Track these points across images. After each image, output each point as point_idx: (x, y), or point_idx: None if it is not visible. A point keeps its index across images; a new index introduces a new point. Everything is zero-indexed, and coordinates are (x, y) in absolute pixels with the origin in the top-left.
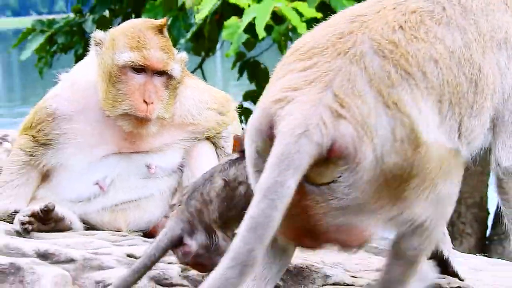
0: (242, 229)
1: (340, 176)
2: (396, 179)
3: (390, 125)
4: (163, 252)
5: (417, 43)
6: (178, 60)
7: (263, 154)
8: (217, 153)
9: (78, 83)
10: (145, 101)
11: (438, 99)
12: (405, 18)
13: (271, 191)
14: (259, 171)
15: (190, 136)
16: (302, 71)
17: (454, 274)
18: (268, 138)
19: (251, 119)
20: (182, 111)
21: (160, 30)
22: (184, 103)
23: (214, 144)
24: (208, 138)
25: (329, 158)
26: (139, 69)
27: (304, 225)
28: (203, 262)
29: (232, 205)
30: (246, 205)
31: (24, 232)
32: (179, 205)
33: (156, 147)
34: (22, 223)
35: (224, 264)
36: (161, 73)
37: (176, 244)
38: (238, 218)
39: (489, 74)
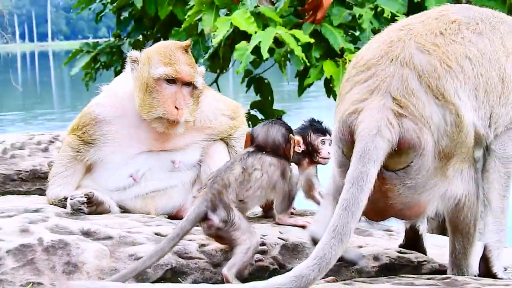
0: (338, 209)
1: (412, 162)
2: (445, 158)
3: (440, 113)
4: (192, 225)
5: (455, 45)
6: (200, 74)
7: (347, 155)
8: (228, 151)
9: (117, 93)
10: (176, 107)
11: (474, 87)
12: (446, 26)
13: (359, 179)
14: (343, 168)
15: (207, 137)
16: (364, 82)
17: (423, 250)
18: (350, 142)
19: (334, 130)
20: (202, 116)
21: (185, 50)
22: (203, 110)
23: (227, 144)
24: (221, 139)
25: (400, 149)
26: (171, 81)
27: (381, 204)
28: (223, 235)
29: (248, 187)
30: (260, 189)
31: (78, 212)
32: (204, 188)
33: (180, 146)
34: (78, 208)
35: (327, 235)
36: (188, 84)
37: (202, 218)
38: (252, 199)
39: None
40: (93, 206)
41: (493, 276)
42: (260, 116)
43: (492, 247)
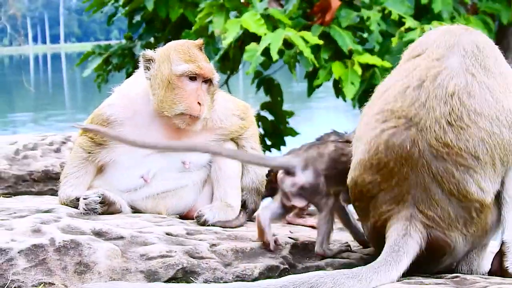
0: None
1: (444, 258)
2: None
3: (467, 211)
4: (277, 167)
5: (465, 133)
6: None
7: None
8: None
9: (128, 94)
10: (198, 103)
11: (492, 167)
12: (449, 108)
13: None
14: None
15: (218, 137)
16: (389, 192)
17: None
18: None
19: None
20: (213, 116)
21: (200, 48)
22: (215, 110)
23: (236, 143)
24: (231, 139)
25: (430, 250)
26: (193, 77)
27: None
28: (304, 196)
29: (336, 165)
30: (345, 171)
31: (92, 212)
32: (297, 150)
33: None
34: (92, 207)
35: None
36: (207, 81)
37: (288, 172)
38: (338, 178)
39: None
40: (105, 206)
41: (504, 271)
42: (270, 117)
43: (510, 243)
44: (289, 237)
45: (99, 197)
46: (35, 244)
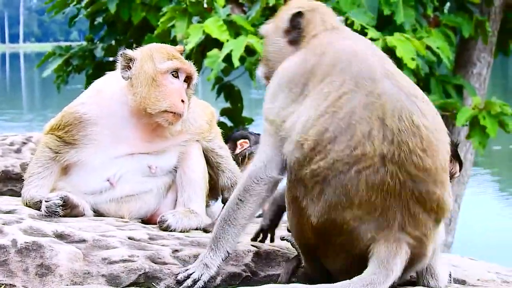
0: None
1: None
2: None
3: (440, 224)
4: None
5: (438, 153)
6: None
7: None
8: (204, 153)
9: (103, 92)
10: (182, 101)
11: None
12: (419, 138)
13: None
14: None
15: (186, 140)
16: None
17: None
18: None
19: None
20: (188, 118)
21: (180, 53)
22: (189, 112)
23: (202, 146)
24: (197, 141)
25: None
26: (175, 75)
27: None
28: None
29: None
30: None
31: (53, 215)
32: None
33: (161, 148)
34: (53, 210)
35: None
36: (187, 80)
37: None
38: None
39: None
40: (68, 209)
41: None
42: (229, 123)
43: None
44: (252, 245)
45: (61, 200)
46: None
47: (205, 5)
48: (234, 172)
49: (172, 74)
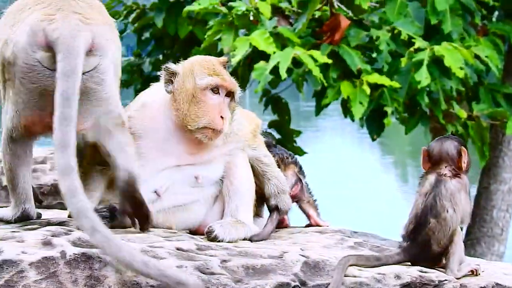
0: None
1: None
2: None
3: None
4: None
5: None
6: None
7: None
8: (249, 163)
9: (148, 106)
10: (221, 117)
11: None
12: None
13: None
14: None
15: (231, 150)
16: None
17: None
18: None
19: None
20: (229, 130)
21: (224, 65)
22: (232, 124)
23: (248, 155)
24: (243, 150)
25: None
26: (216, 91)
27: None
28: None
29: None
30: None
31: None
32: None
33: (206, 159)
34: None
35: None
36: (229, 95)
37: None
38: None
39: None
40: (116, 220)
41: None
42: (277, 136)
43: None
44: (300, 254)
45: (108, 212)
46: (46, 257)
47: (251, 18)
48: (280, 180)
49: (212, 90)
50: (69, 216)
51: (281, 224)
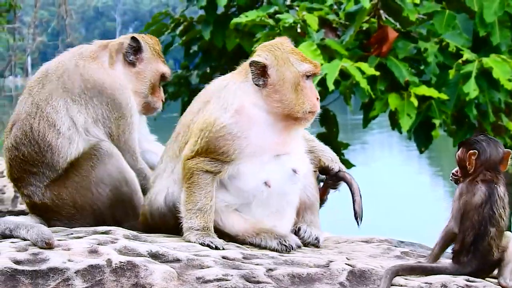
0: None
1: None
2: None
3: None
4: None
5: None
6: None
7: None
8: None
9: (242, 108)
10: (317, 99)
11: None
12: None
13: None
14: None
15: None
16: None
17: None
18: None
19: None
20: None
21: None
22: None
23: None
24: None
25: None
26: (309, 76)
27: None
28: None
29: None
30: None
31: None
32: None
33: (295, 149)
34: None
35: None
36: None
37: None
38: None
39: None
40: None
41: None
42: None
43: None
44: (346, 264)
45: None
46: (92, 265)
47: (299, 30)
48: (328, 148)
49: (307, 76)
50: None
51: (322, 196)
